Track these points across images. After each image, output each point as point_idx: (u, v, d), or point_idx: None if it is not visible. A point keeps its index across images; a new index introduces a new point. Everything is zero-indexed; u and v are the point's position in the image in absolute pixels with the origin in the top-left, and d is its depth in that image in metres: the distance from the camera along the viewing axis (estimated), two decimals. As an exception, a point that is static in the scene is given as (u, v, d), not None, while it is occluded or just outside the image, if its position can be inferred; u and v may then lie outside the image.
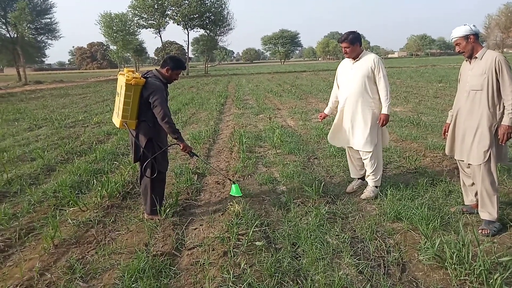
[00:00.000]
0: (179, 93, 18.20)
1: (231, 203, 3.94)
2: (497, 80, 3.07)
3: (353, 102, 4.02)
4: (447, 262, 2.63)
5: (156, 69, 3.74)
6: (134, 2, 43.17)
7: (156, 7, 42.89)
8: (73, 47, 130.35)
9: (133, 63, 70.84)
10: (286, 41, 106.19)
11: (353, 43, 3.92)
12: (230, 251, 3.02)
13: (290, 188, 4.47)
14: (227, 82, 26.87)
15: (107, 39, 45.79)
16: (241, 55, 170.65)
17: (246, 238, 3.16)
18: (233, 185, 4.16)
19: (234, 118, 9.94)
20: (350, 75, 4.07)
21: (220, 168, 5.49)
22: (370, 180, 4.14)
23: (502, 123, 3.06)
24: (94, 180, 4.88)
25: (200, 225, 3.64)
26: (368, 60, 3.96)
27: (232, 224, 3.45)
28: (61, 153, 6.50)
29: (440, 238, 2.90)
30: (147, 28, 45.89)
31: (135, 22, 45.51)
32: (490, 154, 3.10)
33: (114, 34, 43.93)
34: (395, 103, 11.47)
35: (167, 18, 44.91)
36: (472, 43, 3.20)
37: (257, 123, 9.21)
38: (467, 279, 2.50)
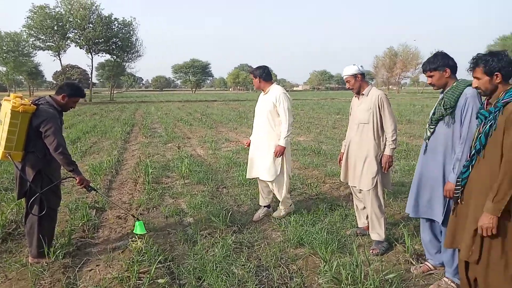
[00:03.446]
0: (79, 121, 16.90)
1: (133, 239, 3.69)
2: (380, 115, 3.48)
3: (260, 133, 4.31)
4: (343, 283, 2.79)
5: (50, 95, 3.42)
6: (30, 21, 38.93)
7: (56, 28, 39.46)
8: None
9: (26, 87, 64.31)
10: (197, 71, 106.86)
11: (255, 76, 4.29)
12: (129, 292, 2.79)
13: (198, 219, 4.37)
14: (135, 110, 25.85)
15: (-5, 59, 40.94)
16: (150, 82, 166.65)
17: (148, 276, 2.96)
18: (136, 222, 3.90)
19: (141, 147, 9.53)
20: (259, 107, 4.38)
21: (123, 201, 5.15)
22: (281, 205, 4.41)
23: (384, 153, 3.45)
24: (-34, 221, 4.16)
25: (97, 265, 3.32)
26: (272, 94, 4.24)
27: (133, 262, 3.22)
28: None
29: (337, 260, 3.09)
30: (44, 50, 41.75)
31: (31, 43, 41.34)
32: (377, 180, 3.45)
33: (4, 55, 39.54)
34: (298, 132, 12.23)
35: (69, 41, 41.58)
36: (360, 81, 3.60)
37: (165, 152, 8.96)
38: (360, 298, 2.68)
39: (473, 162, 2.23)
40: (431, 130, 2.82)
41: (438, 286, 2.86)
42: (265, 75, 4.28)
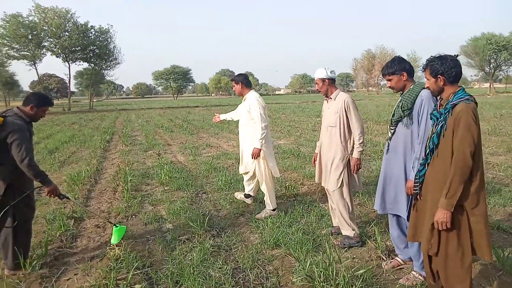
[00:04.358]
0: (58, 131, 16.63)
1: (111, 246, 3.72)
2: (347, 118, 3.62)
3: (243, 134, 4.68)
4: (316, 281, 2.90)
5: (17, 107, 3.42)
6: (2, 30, 37.48)
7: (30, 37, 38.46)
8: None
9: (2, 97, 62.74)
10: (178, 77, 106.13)
11: (237, 82, 4.64)
12: (107, 299, 2.83)
13: (177, 225, 4.42)
14: (115, 118, 25.57)
15: (-34, 69, 39.71)
16: (131, 89, 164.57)
17: (125, 282, 3.01)
18: (114, 228, 3.90)
19: (120, 156, 9.48)
20: (240, 113, 4.78)
21: (102, 210, 5.14)
22: (266, 204, 4.66)
23: (352, 156, 3.59)
24: None
25: (75, 274, 3.34)
26: (247, 101, 4.59)
27: (110, 269, 3.25)
28: None
29: (311, 259, 3.20)
30: (19, 60, 40.50)
31: (4, 52, 40.10)
32: (342, 181, 3.59)
33: (-24, 65, 38.41)
34: (279, 136, 12.37)
35: (44, 50, 40.64)
36: (327, 86, 3.73)
37: (145, 159, 8.94)
38: (332, 294, 2.79)
39: (428, 160, 2.38)
40: (392, 131, 2.97)
41: (407, 279, 2.99)
42: (246, 81, 4.66)
